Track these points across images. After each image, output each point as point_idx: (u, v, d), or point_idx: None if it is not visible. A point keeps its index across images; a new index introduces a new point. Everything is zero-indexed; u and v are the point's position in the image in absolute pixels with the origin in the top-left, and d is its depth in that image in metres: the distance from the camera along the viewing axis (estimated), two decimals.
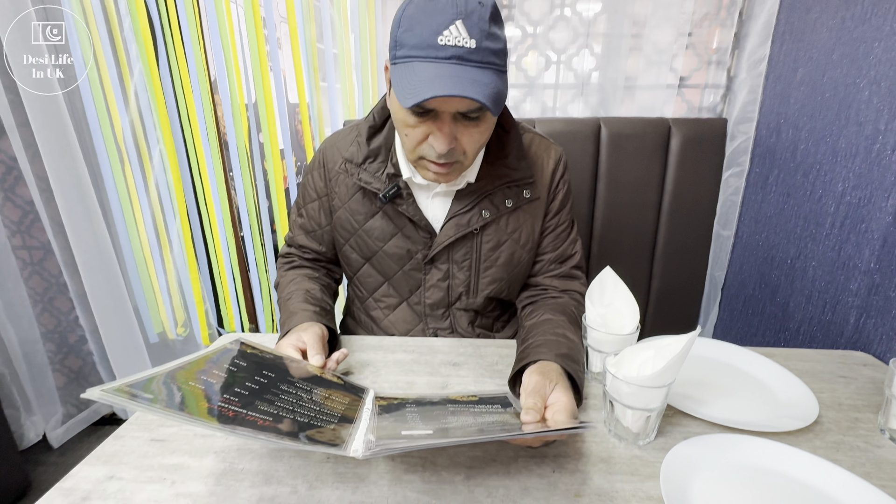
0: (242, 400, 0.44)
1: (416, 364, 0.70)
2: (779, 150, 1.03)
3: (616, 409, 0.53)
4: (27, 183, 1.25)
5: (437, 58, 0.53)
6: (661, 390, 0.50)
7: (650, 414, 0.52)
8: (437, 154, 0.60)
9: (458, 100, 0.55)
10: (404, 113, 0.59)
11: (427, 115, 0.58)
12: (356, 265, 0.78)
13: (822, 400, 0.62)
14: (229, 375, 0.49)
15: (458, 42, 0.53)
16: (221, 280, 1.48)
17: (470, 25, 0.53)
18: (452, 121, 0.58)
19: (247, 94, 1.33)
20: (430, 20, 0.53)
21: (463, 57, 0.53)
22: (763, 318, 1.07)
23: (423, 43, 0.53)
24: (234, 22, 1.24)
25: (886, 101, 0.76)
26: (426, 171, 0.64)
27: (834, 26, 0.87)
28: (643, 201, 1.14)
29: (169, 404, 0.39)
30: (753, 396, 0.63)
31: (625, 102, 1.22)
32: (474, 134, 0.60)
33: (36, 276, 1.38)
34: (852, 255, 0.82)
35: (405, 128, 0.61)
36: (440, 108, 0.57)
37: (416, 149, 0.62)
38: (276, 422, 0.43)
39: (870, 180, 0.79)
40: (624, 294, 0.66)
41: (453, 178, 0.66)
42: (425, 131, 0.60)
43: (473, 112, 0.58)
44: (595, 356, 0.65)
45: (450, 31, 0.53)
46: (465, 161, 0.63)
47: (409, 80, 0.54)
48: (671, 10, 1.13)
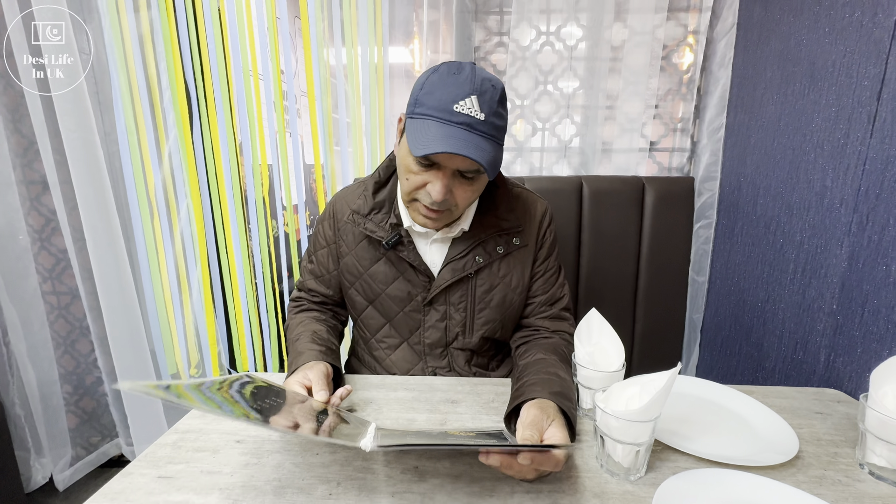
0: (263, 409, 0.45)
1: (416, 402, 0.69)
2: (741, 204, 1.07)
3: (607, 444, 0.52)
4: (63, 233, 1.27)
5: (450, 121, 0.58)
6: (648, 424, 0.49)
7: (639, 448, 0.50)
8: (432, 201, 0.63)
9: (461, 159, 0.59)
10: (411, 160, 0.63)
11: (431, 166, 0.62)
12: (360, 307, 0.79)
13: (801, 435, 0.60)
14: (247, 392, 0.49)
15: (470, 112, 0.58)
16: (237, 323, 1.47)
17: (482, 102, 0.58)
18: (451, 176, 0.62)
19: (268, 156, 1.38)
20: (449, 90, 0.58)
21: (472, 125, 0.58)
22: (740, 357, 1.05)
23: (441, 107, 0.58)
24: (262, 94, 1.32)
25: (830, 161, 0.80)
26: (417, 214, 0.68)
27: (778, 100, 0.94)
28: (623, 250, 1.16)
29: (200, 400, 0.40)
30: (737, 432, 0.61)
31: (602, 163, 1.28)
32: (467, 191, 0.64)
33: (61, 319, 1.37)
34: (815, 298, 0.83)
35: (408, 173, 0.64)
36: (444, 163, 0.60)
37: (413, 192, 0.65)
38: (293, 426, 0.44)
39: (823, 230, 0.81)
40: (609, 334, 0.66)
41: (441, 225, 0.69)
42: (425, 179, 0.63)
43: (471, 172, 0.62)
44: (585, 393, 0.64)
45: (465, 102, 0.58)
46: (455, 212, 0.67)
47: (423, 134, 0.58)
48: (639, 86, 1.21)
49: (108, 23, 1.18)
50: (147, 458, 0.56)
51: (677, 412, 0.65)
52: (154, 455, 0.56)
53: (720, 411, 0.67)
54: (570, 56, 1.22)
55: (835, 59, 0.79)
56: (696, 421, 0.64)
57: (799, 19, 0.88)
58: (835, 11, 0.79)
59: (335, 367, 0.68)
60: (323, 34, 1.25)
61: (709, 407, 0.68)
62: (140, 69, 1.23)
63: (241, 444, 0.58)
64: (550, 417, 0.50)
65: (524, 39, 1.20)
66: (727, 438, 0.60)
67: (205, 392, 0.43)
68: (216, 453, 0.57)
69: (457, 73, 0.60)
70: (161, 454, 0.56)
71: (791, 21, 0.91)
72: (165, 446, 0.58)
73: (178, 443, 0.59)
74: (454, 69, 0.61)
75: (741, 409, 0.66)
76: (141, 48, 1.22)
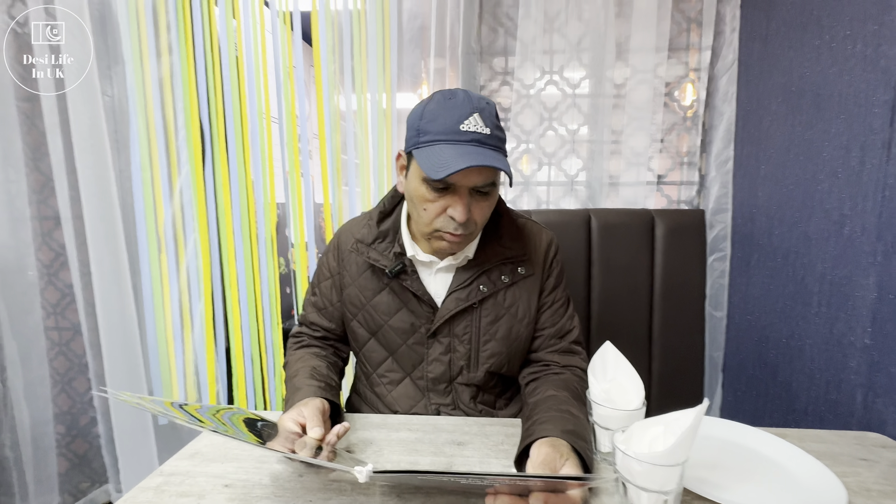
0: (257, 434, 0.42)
1: (419, 443, 0.64)
2: (756, 236, 1.04)
3: (630, 493, 0.46)
4: (70, 268, 1.27)
5: (459, 141, 0.59)
6: (675, 469, 0.44)
7: (667, 497, 0.45)
8: (456, 225, 0.63)
9: (476, 175, 0.60)
10: (425, 189, 0.63)
11: (445, 190, 0.62)
12: (362, 340, 0.76)
13: (847, 485, 0.54)
14: (238, 419, 0.46)
15: (477, 129, 0.59)
16: (237, 360, 1.43)
17: (485, 118, 0.61)
18: (468, 197, 0.62)
19: (278, 195, 1.41)
20: (451, 113, 0.60)
21: (481, 141, 0.60)
22: (768, 398, 0.99)
23: (448, 130, 0.60)
24: (274, 136, 1.37)
25: (846, 189, 0.78)
26: (440, 243, 0.66)
27: (786, 131, 0.93)
28: (635, 284, 1.13)
29: (190, 421, 0.38)
30: (775, 480, 0.55)
31: (610, 197, 1.27)
32: (484, 207, 0.65)
33: (62, 356, 1.34)
34: (845, 332, 0.78)
35: (424, 203, 0.64)
36: (460, 182, 0.61)
37: (433, 222, 0.64)
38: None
39: (846, 260, 0.78)
40: (626, 368, 0.62)
41: (463, 248, 0.68)
42: (443, 205, 0.63)
43: (486, 187, 0.63)
44: (602, 434, 0.59)
45: (469, 120, 0.60)
46: (476, 231, 0.66)
47: (437, 157, 0.59)
48: (643, 121, 1.22)
49: (132, 68, 1.24)
50: (135, 499, 0.51)
51: (705, 457, 0.59)
52: (134, 500, 0.52)
53: (753, 456, 0.61)
54: (574, 94, 1.25)
55: (841, 90, 0.79)
56: (728, 467, 0.58)
57: (800, 54, 0.90)
58: (836, 45, 0.80)
59: (333, 404, 0.64)
60: (334, 81, 1.31)
61: (739, 451, 0.62)
62: (158, 109, 1.28)
63: (230, 489, 0.54)
64: (564, 456, 0.46)
65: (528, 79, 1.23)
66: (765, 487, 0.54)
67: (202, 414, 0.41)
68: (202, 499, 0.52)
69: (452, 98, 0.62)
70: (142, 499, 0.52)
71: (792, 56, 0.92)
72: (147, 490, 0.54)
73: (161, 486, 0.54)
74: (448, 95, 0.63)
75: (776, 455, 0.60)
76: (160, 90, 1.28)
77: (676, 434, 0.45)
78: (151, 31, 1.25)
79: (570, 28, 1.20)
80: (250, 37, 1.30)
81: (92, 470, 1.41)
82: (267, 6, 1.34)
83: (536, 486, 0.42)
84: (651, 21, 1.17)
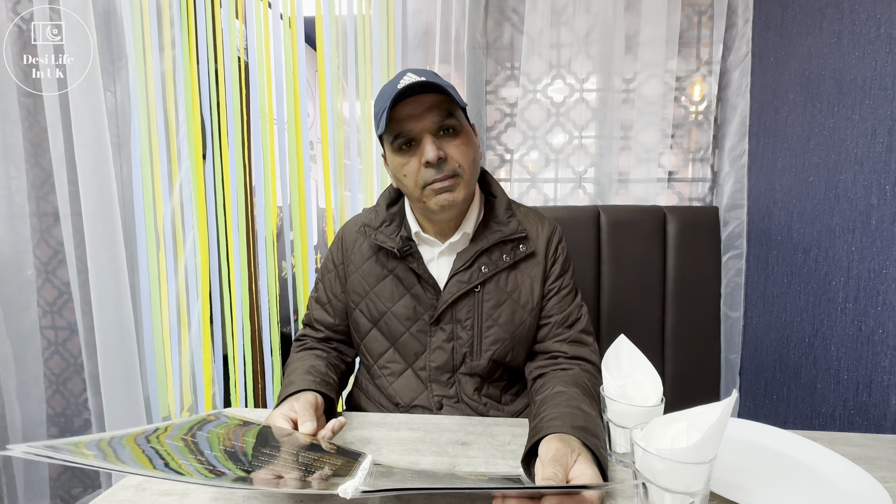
0: (210, 460, 0.37)
1: (421, 442, 0.60)
2: (773, 231, 1.00)
3: (651, 495, 0.42)
4: (68, 265, 1.25)
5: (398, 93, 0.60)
6: (702, 467, 0.40)
7: (693, 499, 0.40)
8: (435, 168, 0.62)
9: (427, 115, 0.61)
10: (397, 158, 0.65)
11: (411, 146, 0.63)
12: (364, 330, 0.74)
13: (890, 490, 0.49)
14: (200, 440, 0.41)
15: (410, 81, 0.60)
16: (233, 362, 1.40)
17: (419, 72, 0.62)
18: (433, 137, 0.62)
19: (281, 197, 1.40)
20: (390, 84, 0.63)
21: (418, 85, 0.60)
22: (790, 402, 0.93)
23: (387, 95, 0.61)
24: (276, 139, 1.36)
25: (872, 177, 0.74)
26: (433, 198, 0.65)
27: (805, 121, 0.90)
28: (647, 284, 1.09)
29: (119, 457, 0.32)
30: (809, 485, 0.51)
31: (619, 194, 1.23)
32: (458, 145, 0.64)
33: (57, 356, 1.32)
34: (875, 329, 0.73)
35: (402, 168, 0.65)
36: (414, 129, 0.62)
37: (418, 180, 0.64)
38: (250, 472, 0.35)
39: (874, 252, 0.73)
40: (642, 363, 0.58)
41: (460, 195, 0.65)
42: (417, 161, 0.64)
43: (446, 121, 0.62)
44: (617, 433, 0.54)
45: (406, 77, 0.62)
46: (464, 174, 0.65)
47: (381, 115, 0.62)
48: (653, 116, 1.19)
49: (135, 63, 1.24)
50: (104, 501, 0.48)
51: (729, 459, 0.54)
52: (113, 498, 0.48)
53: (782, 459, 0.56)
54: (582, 88, 1.22)
55: (864, 74, 0.75)
56: (755, 470, 0.53)
57: (819, 40, 0.86)
58: (857, 28, 0.77)
59: (328, 398, 0.60)
60: (338, 85, 1.30)
61: (767, 454, 0.57)
62: (160, 104, 1.27)
63: (215, 488, 0.50)
64: (576, 452, 0.42)
65: (535, 73, 1.21)
66: (799, 492, 0.49)
67: (114, 446, 0.36)
68: (185, 497, 0.48)
69: (395, 79, 0.64)
70: (121, 497, 0.48)
71: (810, 43, 0.89)
72: (128, 488, 0.50)
73: (143, 484, 0.51)
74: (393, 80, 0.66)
75: (807, 458, 0.56)
76: (162, 85, 1.27)
77: (702, 430, 0.41)
78: (155, 26, 1.24)
79: (578, 21, 1.18)
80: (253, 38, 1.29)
81: (85, 474, 1.37)
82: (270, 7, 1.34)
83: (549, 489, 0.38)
84: (661, 14, 1.14)
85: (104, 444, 0.37)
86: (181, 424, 0.45)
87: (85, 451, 0.34)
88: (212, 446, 0.42)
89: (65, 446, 0.33)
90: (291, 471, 0.38)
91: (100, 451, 0.34)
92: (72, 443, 0.35)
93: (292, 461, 0.41)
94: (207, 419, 0.49)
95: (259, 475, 0.36)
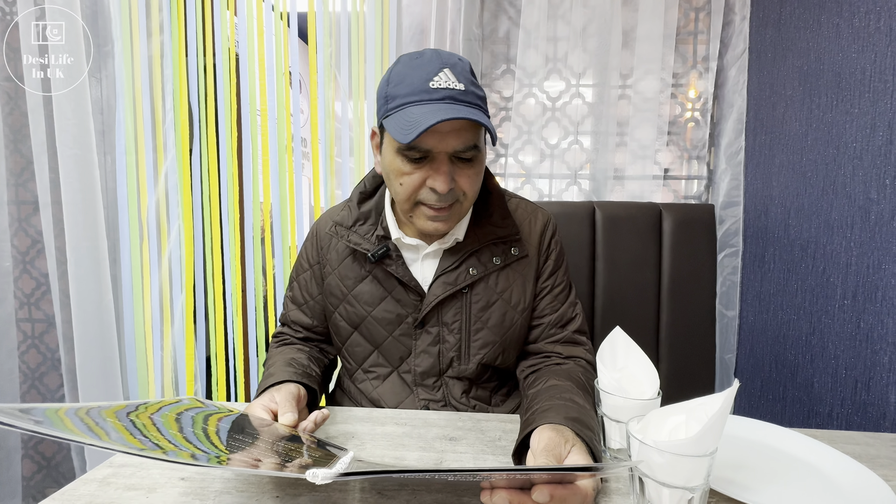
0: (189, 438, 0.35)
1: (407, 437, 0.57)
2: (770, 228, 0.99)
3: (648, 490, 0.40)
4: (46, 256, 1.21)
5: (430, 99, 0.53)
6: (703, 460, 0.38)
7: (692, 495, 0.38)
8: (438, 196, 0.56)
9: (454, 137, 0.54)
10: (400, 161, 0.57)
11: (423, 160, 0.56)
12: (345, 334, 0.70)
13: (893, 488, 0.47)
14: (164, 420, 0.39)
15: (448, 85, 0.53)
16: (217, 357, 1.36)
17: (457, 73, 0.55)
18: (449, 162, 0.56)
19: (271, 193, 1.36)
20: (419, 71, 0.55)
21: (455, 97, 0.54)
22: (787, 402, 0.92)
23: (416, 89, 0.54)
24: (264, 133, 1.32)
25: (871, 172, 0.73)
26: (423, 220, 0.60)
27: (803, 116, 0.89)
28: (642, 281, 1.07)
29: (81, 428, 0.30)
30: (811, 482, 0.49)
31: (615, 190, 1.22)
32: (470, 175, 0.58)
33: (33, 349, 1.27)
34: (874, 326, 0.72)
35: (401, 176, 0.58)
36: (437, 147, 0.54)
37: (413, 196, 0.58)
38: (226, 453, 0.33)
39: (873, 248, 0.72)
40: (638, 356, 0.56)
41: (452, 224, 0.61)
42: (422, 176, 0.56)
43: (468, 152, 0.56)
44: (612, 428, 0.52)
45: (439, 76, 0.54)
46: (465, 203, 0.60)
47: (406, 120, 0.52)
48: (650, 113, 1.18)
49: (121, 48, 1.20)
50: (64, 496, 0.44)
51: (729, 457, 0.52)
52: (74, 493, 0.45)
53: (782, 457, 0.54)
54: (578, 84, 1.21)
55: (864, 67, 0.75)
56: (756, 467, 0.51)
57: (817, 34, 0.86)
58: (858, 21, 0.76)
59: (310, 390, 0.58)
60: (330, 83, 1.28)
61: (767, 452, 0.55)
62: (146, 91, 1.24)
63: (186, 482, 0.47)
64: (570, 442, 0.40)
65: (531, 66, 1.19)
66: (801, 489, 0.47)
67: (93, 417, 0.34)
68: (152, 492, 0.45)
69: (419, 58, 0.57)
70: (83, 491, 0.45)
71: (809, 38, 0.88)
72: (91, 482, 0.47)
73: (108, 478, 0.48)
74: (414, 56, 0.58)
75: (808, 456, 0.54)
76: (150, 71, 1.23)
77: (702, 421, 0.39)
78: (143, 11, 1.21)
79: (575, 15, 1.16)
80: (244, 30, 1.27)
81: (59, 474, 1.32)
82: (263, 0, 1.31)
83: (540, 477, 0.36)
84: (658, 9, 1.13)
85: (82, 414, 0.35)
86: (163, 406, 0.44)
87: (65, 417, 0.32)
88: (195, 425, 0.40)
89: (43, 413, 0.32)
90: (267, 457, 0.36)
91: (79, 421, 0.33)
92: (52, 409, 0.33)
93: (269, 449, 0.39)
94: (192, 405, 0.47)
95: (234, 457, 0.34)
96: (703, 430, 0.37)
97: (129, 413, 0.39)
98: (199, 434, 0.40)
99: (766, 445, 0.56)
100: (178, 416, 0.43)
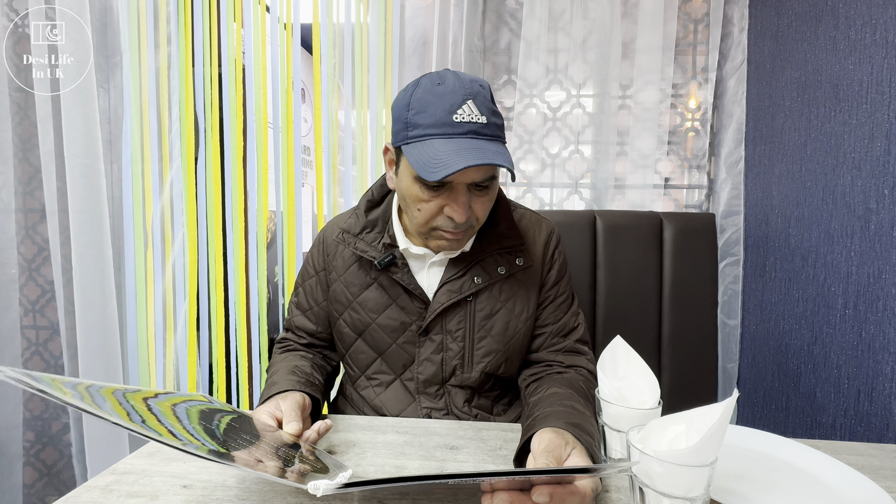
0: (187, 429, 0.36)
1: (408, 446, 0.57)
2: (771, 238, 0.99)
3: (649, 500, 0.40)
4: (52, 264, 1.22)
5: (454, 134, 0.54)
6: (703, 470, 0.38)
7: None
8: (455, 225, 0.58)
9: (475, 171, 0.55)
10: (418, 189, 0.58)
11: (441, 188, 0.57)
12: (349, 341, 0.71)
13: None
14: (193, 412, 0.40)
15: (472, 119, 0.54)
16: (219, 368, 1.36)
17: (479, 104, 0.55)
18: (467, 191, 0.58)
19: (275, 202, 1.38)
20: (442, 101, 0.55)
21: (478, 132, 0.55)
22: (790, 412, 0.91)
23: (439, 121, 0.54)
24: (270, 142, 1.34)
25: (870, 182, 0.73)
26: (440, 241, 0.61)
27: (802, 126, 0.89)
28: (643, 290, 1.07)
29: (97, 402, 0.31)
30: (811, 493, 0.48)
31: (615, 200, 1.23)
32: (485, 201, 0.60)
33: (37, 356, 1.28)
34: (876, 335, 0.72)
35: (418, 203, 0.59)
36: (457, 179, 0.56)
37: (430, 222, 0.60)
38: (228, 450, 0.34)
39: (874, 257, 0.72)
40: (639, 365, 0.56)
41: (464, 245, 0.63)
42: (439, 204, 0.58)
43: (485, 182, 0.57)
44: (613, 437, 0.52)
45: (463, 109, 0.54)
46: (477, 226, 0.62)
47: (432, 155, 0.53)
48: (650, 123, 1.19)
49: (129, 59, 1.23)
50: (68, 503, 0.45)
51: (730, 467, 0.52)
52: (76, 500, 0.45)
53: (783, 467, 0.54)
54: (579, 94, 1.22)
55: (861, 78, 0.75)
56: (757, 478, 0.51)
57: (815, 46, 0.87)
58: (854, 33, 0.77)
59: (314, 399, 0.58)
60: (333, 93, 1.30)
61: (769, 462, 0.55)
62: (153, 101, 1.26)
63: (188, 490, 0.47)
64: (570, 444, 0.40)
65: (532, 77, 1.21)
66: (802, 501, 0.47)
67: (92, 393, 0.35)
68: (154, 500, 0.45)
69: (441, 84, 0.56)
70: (85, 499, 0.45)
71: (806, 49, 0.89)
72: (94, 489, 0.47)
73: (110, 485, 0.48)
74: (436, 80, 0.57)
75: (809, 467, 0.53)
76: (157, 82, 1.25)
77: (702, 431, 0.39)
78: (151, 23, 1.23)
79: (576, 27, 1.18)
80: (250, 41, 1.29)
81: (60, 482, 1.32)
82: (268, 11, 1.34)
83: (540, 478, 0.36)
84: (657, 21, 1.15)
85: (82, 389, 0.37)
86: (166, 395, 0.44)
87: (63, 388, 0.33)
88: (190, 419, 0.41)
89: (43, 379, 0.33)
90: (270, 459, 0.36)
91: (77, 394, 0.33)
92: (49, 378, 0.34)
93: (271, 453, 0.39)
94: (193, 397, 0.47)
95: (238, 454, 0.35)
96: (703, 440, 0.37)
97: (126, 394, 0.40)
98: (198, 429, 0.41)
99: (769, 456, 0.56)
100: (200, 412, 0.44)
